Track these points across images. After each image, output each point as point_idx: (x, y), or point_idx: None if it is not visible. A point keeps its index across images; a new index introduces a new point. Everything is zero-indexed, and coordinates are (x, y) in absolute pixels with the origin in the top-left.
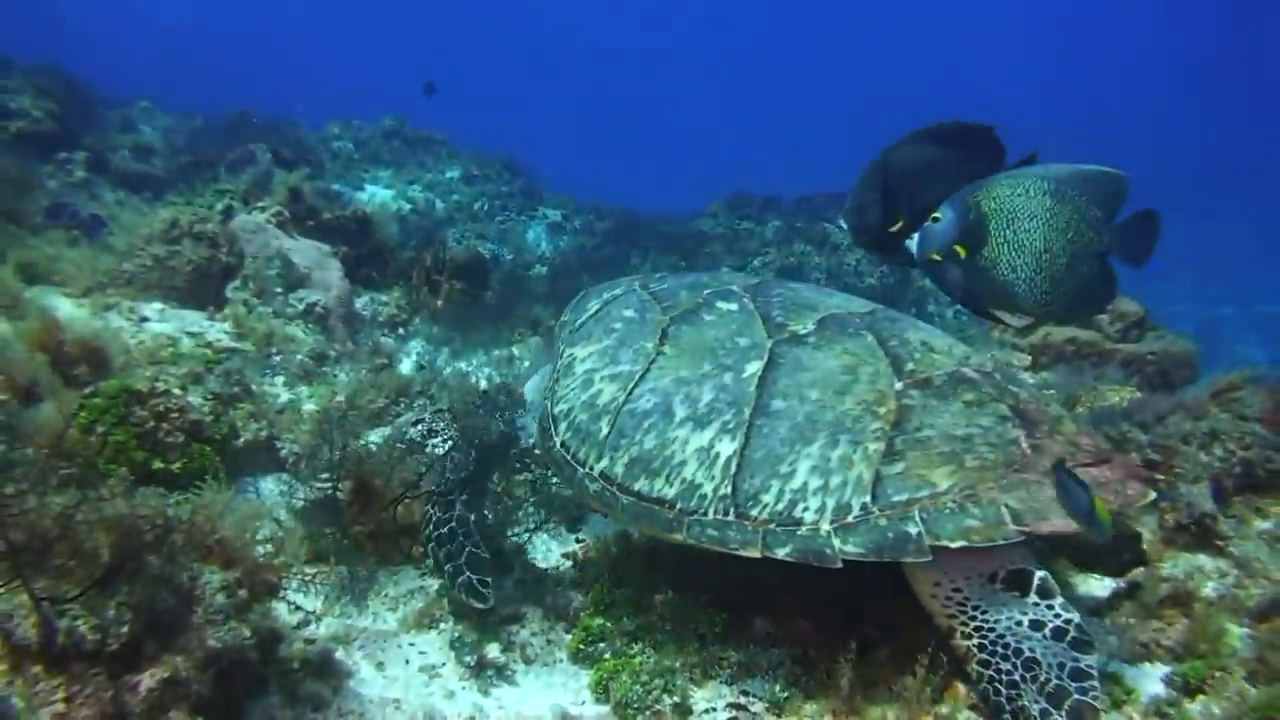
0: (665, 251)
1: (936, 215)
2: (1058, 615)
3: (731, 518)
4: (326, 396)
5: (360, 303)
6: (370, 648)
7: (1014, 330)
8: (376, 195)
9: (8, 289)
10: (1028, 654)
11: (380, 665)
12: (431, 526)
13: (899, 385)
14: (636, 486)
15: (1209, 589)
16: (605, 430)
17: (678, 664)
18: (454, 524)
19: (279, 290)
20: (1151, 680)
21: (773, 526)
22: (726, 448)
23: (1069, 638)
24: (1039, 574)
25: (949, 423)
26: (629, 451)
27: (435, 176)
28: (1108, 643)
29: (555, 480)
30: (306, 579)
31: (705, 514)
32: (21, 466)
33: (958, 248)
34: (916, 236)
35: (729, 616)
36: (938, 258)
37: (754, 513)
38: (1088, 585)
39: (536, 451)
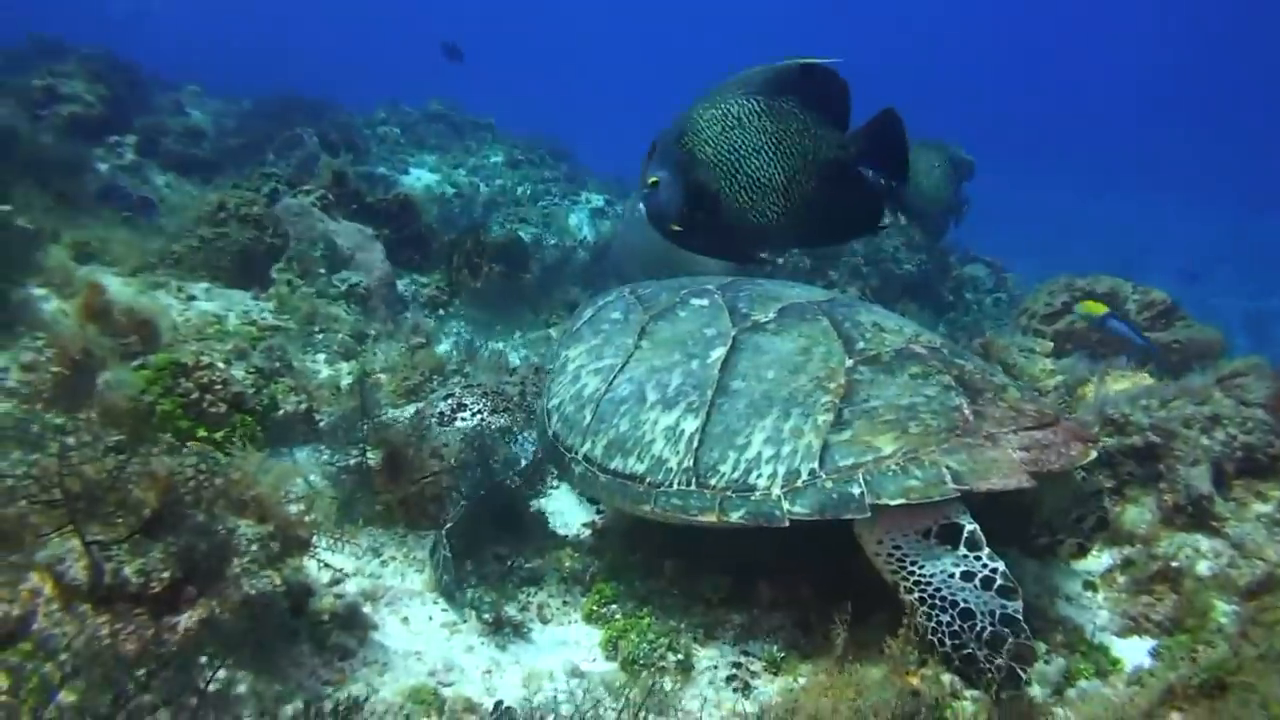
0: None
1: (653, 179)
2: (985, 565)
3: (693, 488)
4: (361, 370)
5: (401, 284)
6: (396, 605)
7: (1040, 317)
8: (421, 179)
9: (62, 267)
10: (962, 605)
11: (405, 620)
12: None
13: (849, 362)
14: (613, 465)
15: (1203, 568)
16: (588, 418)
17: (683, 625)
18: (435, 541)
19: (322, 271)
20: (1138, 652)
21: (729, 493)
22: (690, 425)
23: (996, 586)
24: (968, 527)
25: (895, 394)
26: (607, 434)
27: (479, 161)
28: (1098, 615)
29: (553, 471)
30: (336, 537)
31: (670, 486)
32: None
33: (689, 214)
34: (644, 209)
35: (734, 582)
36: (678, 229)
37: (713, 482)
38: (1084, 563)
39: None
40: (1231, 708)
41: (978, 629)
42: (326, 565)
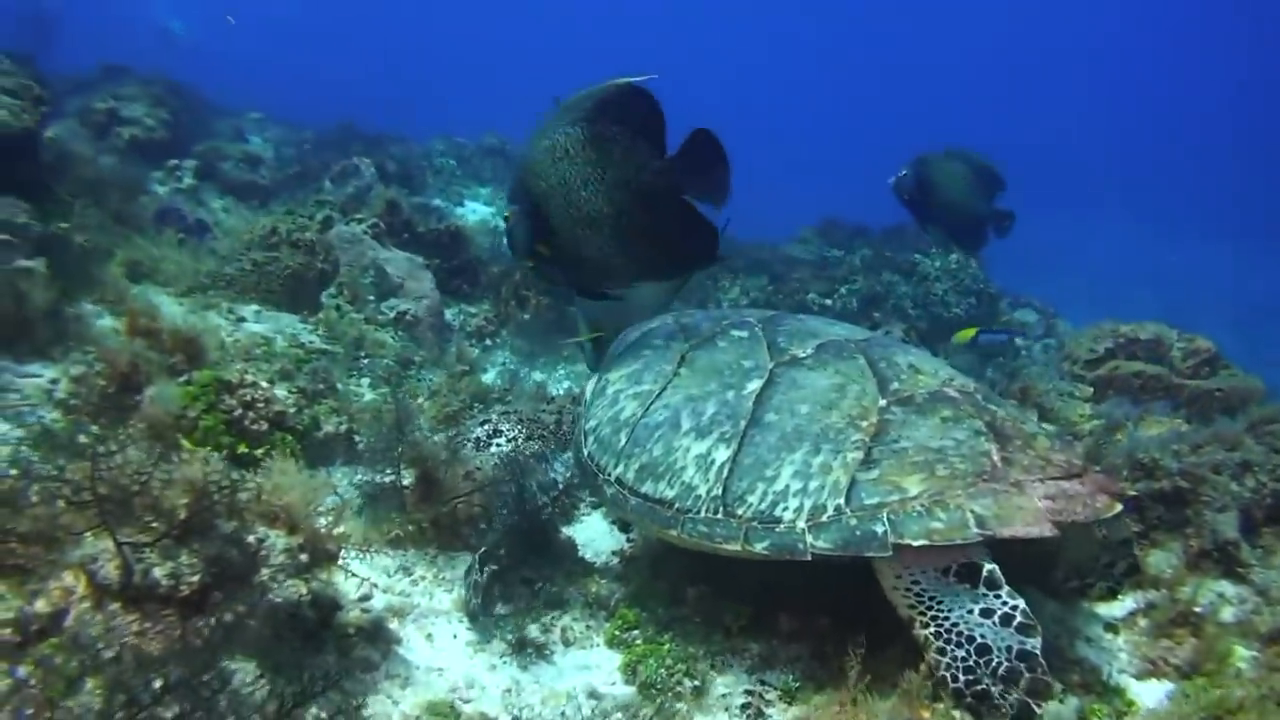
0: (754, 274)
1: (507, 215)
2: (1004, 603)
3: (720, 516)
4: (395, 384)
5: (450, 313)
6: (422, 622)
7: (1082, 362)
8: (476, 211)
9: (115, 285)
10: (979, 640)
11: (429, 637)
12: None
13: (883, 402)
14: (644, 489)
15: (1227, 614)
16: (624, 441)
17: (702, 652)
18: (471, 564)
19: (371, 298)
20: (1155, 696)
21: (755, 524)
22: (722, 454)
23: (1015, 623)
24: (987, 566)
25: (925, 435)
26: (640, 459)
27: None
28: (1117, 657)
29: (586, 491)
30: (364, 549)
31: (699, 513)
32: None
33: (540, 248)
34: (505, 240)
35: (756, 612)
36: (530, 264)
37: (740, 511)
38: (1107, 606)
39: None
40: None
41: (993, 664)
42: (353, 574)
